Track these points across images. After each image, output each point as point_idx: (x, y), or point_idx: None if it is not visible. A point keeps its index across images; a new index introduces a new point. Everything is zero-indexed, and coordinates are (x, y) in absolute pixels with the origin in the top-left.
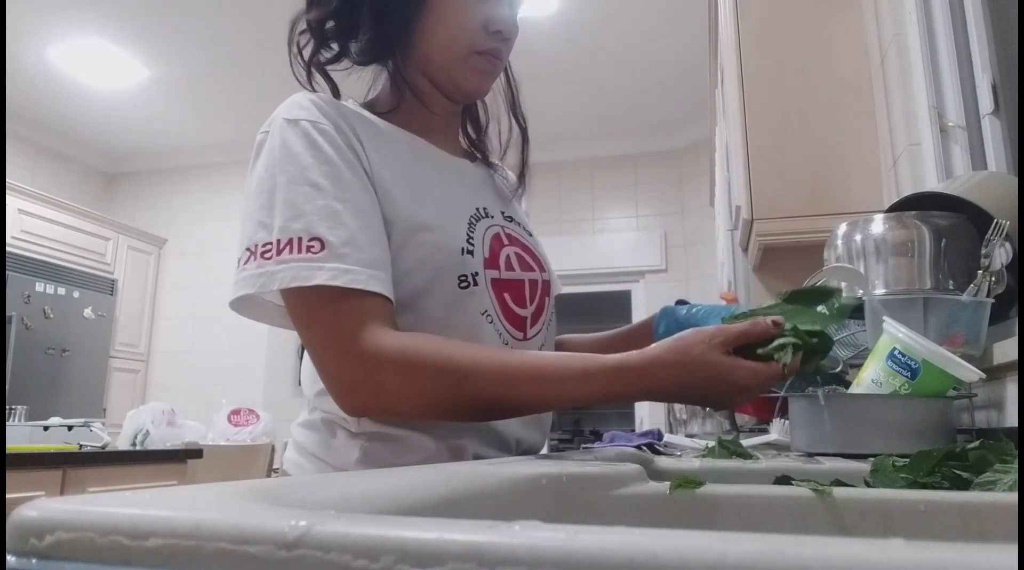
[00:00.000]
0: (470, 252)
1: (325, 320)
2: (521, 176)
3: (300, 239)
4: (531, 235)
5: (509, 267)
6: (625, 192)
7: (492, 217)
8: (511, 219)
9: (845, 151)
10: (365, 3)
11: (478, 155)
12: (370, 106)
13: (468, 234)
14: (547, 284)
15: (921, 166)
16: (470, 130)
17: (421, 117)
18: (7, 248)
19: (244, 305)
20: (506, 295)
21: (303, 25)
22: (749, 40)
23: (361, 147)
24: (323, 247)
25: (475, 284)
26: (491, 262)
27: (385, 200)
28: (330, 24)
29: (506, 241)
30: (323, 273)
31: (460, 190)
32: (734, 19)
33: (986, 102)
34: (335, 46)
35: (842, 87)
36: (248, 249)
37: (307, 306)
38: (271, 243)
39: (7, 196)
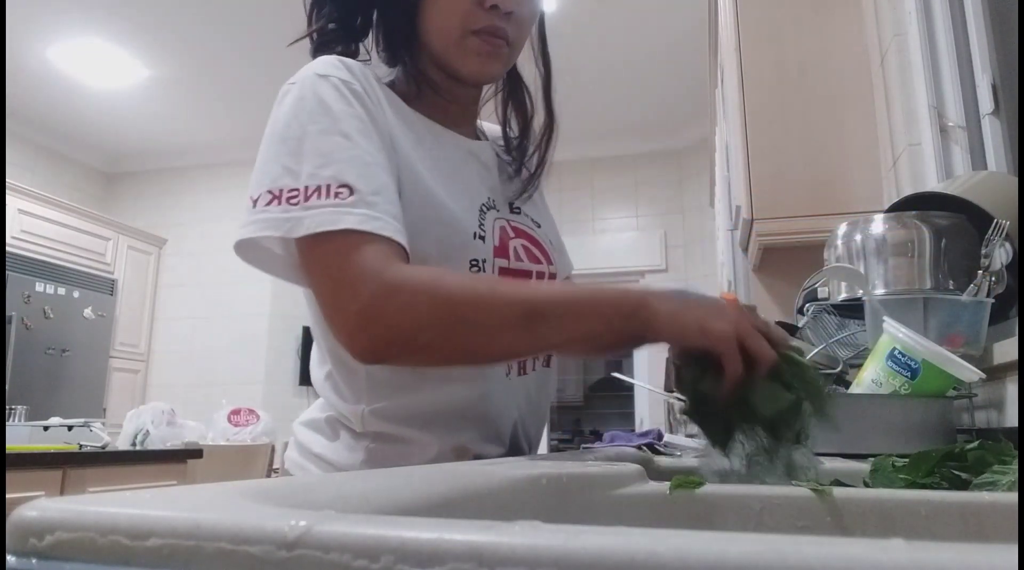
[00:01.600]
0: (481, 237)
1: (342, 261)
2: (537, 171)
3: (329, 186)
4: (539, 226)
5: (518, 258)
6: (625, 192)
7: (498, 210)
8: (518, 211)
9: (845, 151)
10: (363, 10)
11: (504, 144)
12: (389, 86)
13: (480, 220)
14: (553, 277)
15: (921, 166)
16: (513, 127)
17: (435, 104)
18: (7, 248)
19: (248, 249)
20: None
21: (312, 36)
22: (749, 40)
23: (385, 115)
24: (351, 193)
25: (484, 270)
26: (501, 251)
27: (405, 171)
28: (333, 27)
29: (512, 233)
30: (351, 217)
31: (472, 177)
32: (734, 19)
33: (986, 102)
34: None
35: (842, 87)
36: (271, 192)
37: (328, 250)
38: (298, 190)
39: (7, 196)
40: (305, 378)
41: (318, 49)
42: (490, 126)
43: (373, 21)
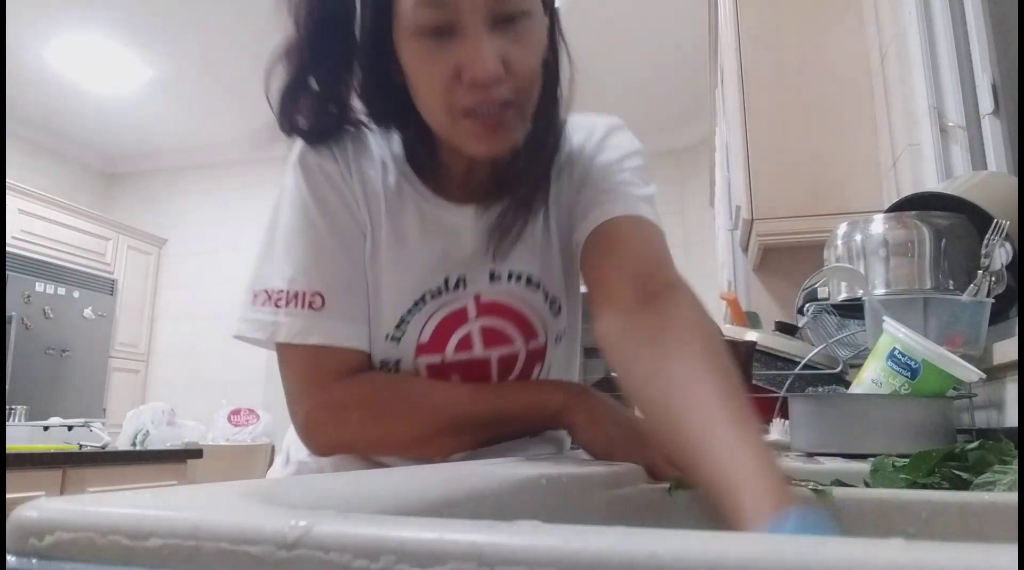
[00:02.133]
0: (395, 339)
1: (296, 373)
2: (528, 193)
3: (305, 293)
4: (537, 285)
5: (464, 347)
6: None
7: (461, 288)
8: (499, 278)
9: (845, 151)
10: (332, 85)
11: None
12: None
13: (400, 320)
14: (538, 351)
15: (921, 166)
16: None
17: (436, 165)
18: (7, 248)
19: (251, 340)
20: (454, 377)
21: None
22: (749, 40)
23: (361, 198)
24: (323, 303)
25: (396, 370)
26: (428, 348)
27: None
28: (306, 128)
29: (473, 315)
30: (317, 334)
31: (433, 259)
32: (734, 19)
33: (986, 102)
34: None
35: (842, 87)
36: (266, 291)
37: (290, 358)
38: (283, 292)
39: (7, 196)
40: None
41: (288, 130)
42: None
43: (358, 104)
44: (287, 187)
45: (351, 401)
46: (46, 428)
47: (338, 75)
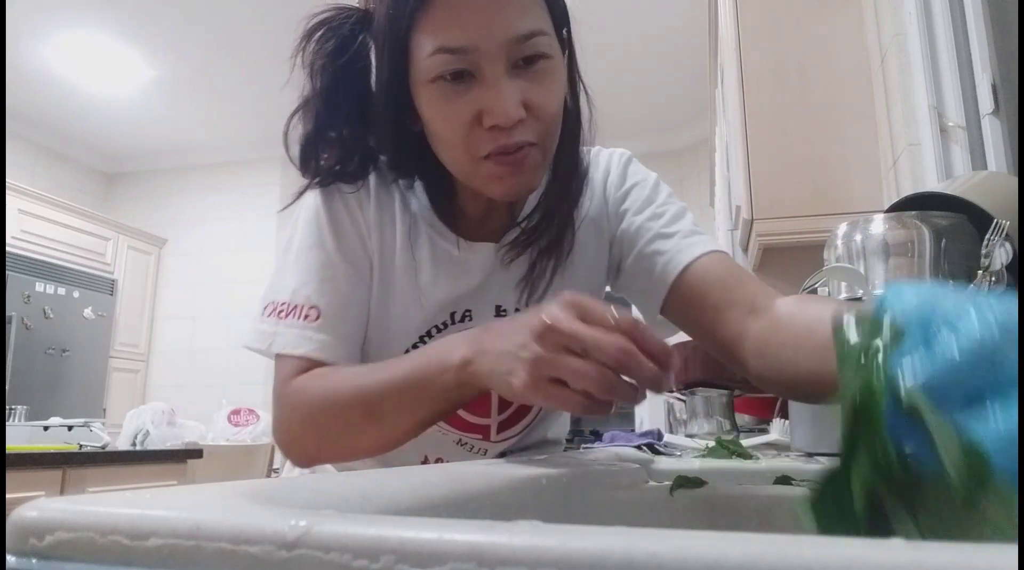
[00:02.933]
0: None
1: (280, 383)
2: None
3: (303, 306)
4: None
5: None
6: None
7: (468, 320)
8: (516, 312)
9: (845, 151)
10: (350, 135)
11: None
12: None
13: (407, 352)
14: None
15: (921, 166)
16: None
17: (455, 207)
18: (7, 248)
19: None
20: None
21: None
22: (749, 40)
23: (375, 226)
24: (319, 316)
25: None
26: None
27: (372, 299)
28: (337, 169)
29: None
30: (308, 344)
31: (440, 294)
32: (734, 19)
33: (986, 102)
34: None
35: (842, 87)
36: (274, 303)
37: (279, 368)
38: (286, 303)
39: (7, 196)
40: None
41: (311, 174)
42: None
43: (376, 153)
44: (306, 204)
45: (293, 404)
46: (46, 428)
47: (356, 126)
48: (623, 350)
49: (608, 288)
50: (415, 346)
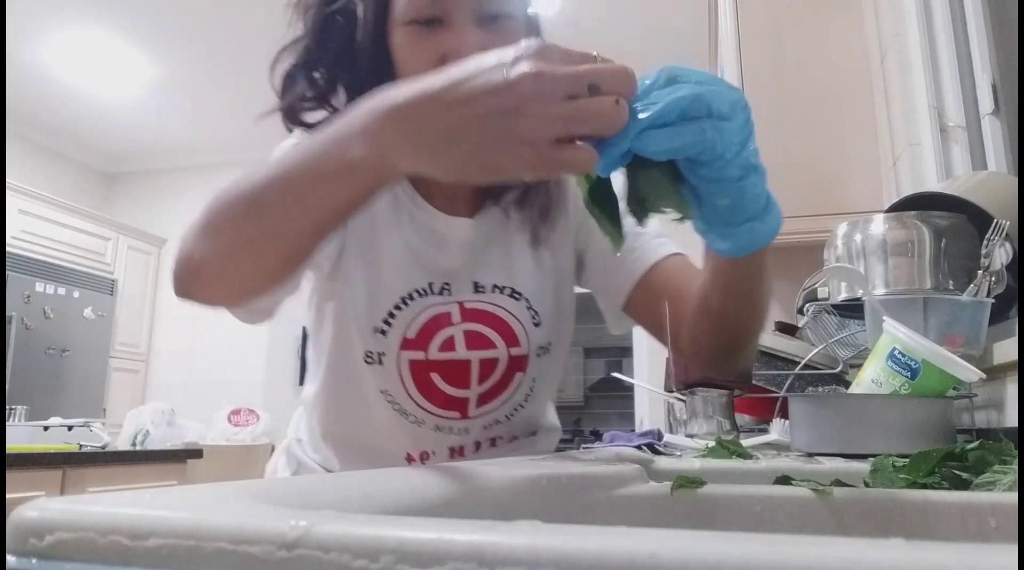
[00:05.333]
0: (383, 332)
1: None
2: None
3: None
4: (518, 297)
5: (447, 348)
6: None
7: (446, 294)
8: (483, 289)
9: (845, 151)
10: (339, 79)
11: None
12: None
13: (390, 313)
14: (519, 359)
15: (921, 166)
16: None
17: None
18: (7, 248)
19: None
20: (435, 375)
21: (284, 109)
22: (749, 40)
23: None
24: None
25: (380, 363)
26: (414, 344)
27: (344, 253)
28: (308, 100)
29: (457, 319)
30: None
31: (420, 262)
32: (734, 19)
33: (986, 102)
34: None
35: (842, 87)
36: None
37: None
38: None
39: (7, 196)
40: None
41: (290, 119)
42: None
43: (351, 93)
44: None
45: (192, 223)
46: (46, 428)
47: (340, 67)
48: (631, 76)
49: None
50: (397, 308)
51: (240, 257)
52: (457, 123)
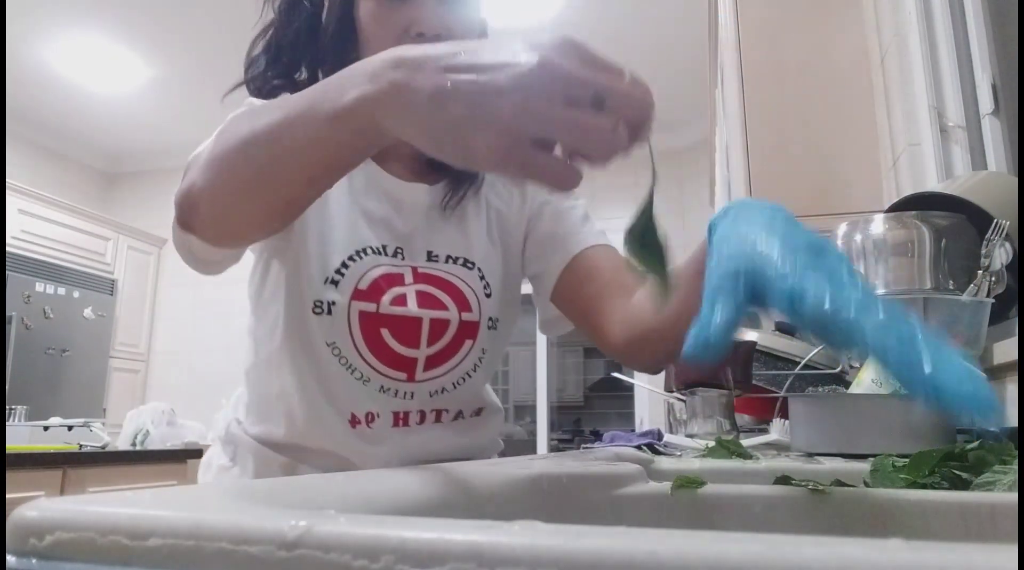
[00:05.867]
0: (334, 282)
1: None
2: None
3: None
4: (471, 267)
5: (399, 303)
6: (625, 192)
7: (400, 257)
8: (437, 258)
9: (845, 151)
10: (303, 59)
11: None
12: None
13: (342, 264)
14: (471, 325)
15: (921, 166)
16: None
17: (387, 149)
18: (7, 248)
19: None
20: (384, 331)
21: (250, 86)
22: (749, 40)
23: None
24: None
25: (330, 313)
26: (365, 295)
27: None
28: (276, 82)
29: (410, 280)
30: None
31: (373, 222)
32: (734, 19)
33: (986, 102)
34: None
35: (842, 87)
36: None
37: None
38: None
39: (7, 196)
40: None
41: (255, 95)
42: None
43: (317, 75)
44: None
45: (195, 162)
46: (46, 428)
47: (305, 44)
48: (648, 104)
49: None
50: (351, 259)
51: (235, 197)
52: (450, 88)
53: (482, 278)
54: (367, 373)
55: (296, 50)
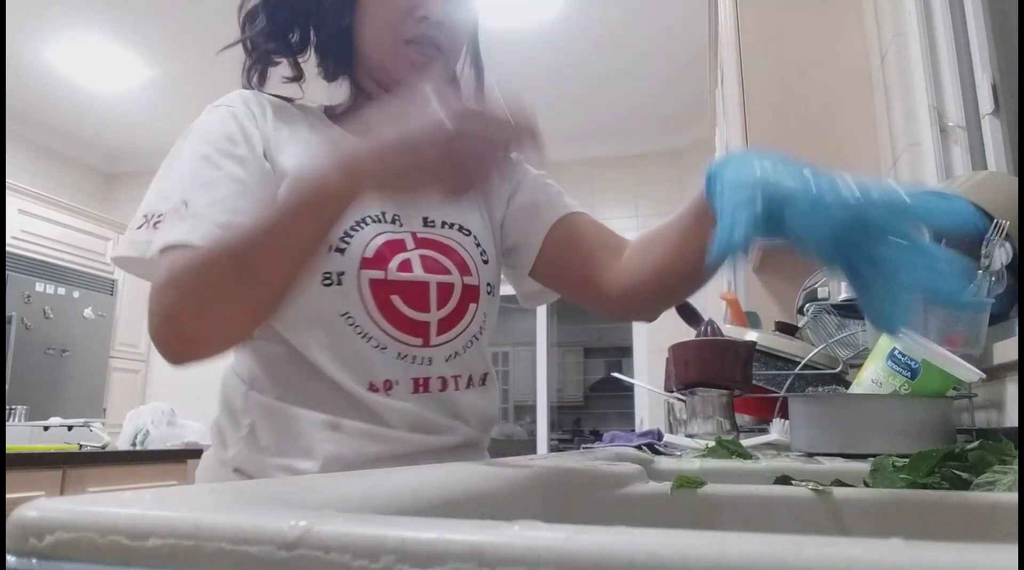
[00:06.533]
0: (340, 250)
1: (158, 273)
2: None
3: (177, 208)
4: (468, 233)
5: (405, 268)
6: (625, 192)
7: (398, 224)
8: (433, 224)
9: (845, 151)
10: (298, 20)
11: None
12: (330, 110)
13: (346, 233)
14: (472, 289)
15: (921, 166)
16: None
17: (367, 122)
18: (7, 248)
19: (130, 264)
20: (395, 297)
21: (247, 59)
22: (749, 40)
23: (270, 132)
24: (187, 207)
25: (341, 283)
26: (372, 263)
27: (281, 182)
28: (269, 45)
29: (411, 245)
30: (176, 231)
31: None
32: (734, 19)
33: (986, 102)
34: (282, 62)
35: (842, 87)
36: (145, 216)
37: (159, 265)
38: (162, 213)
39: (7, 196)
40: None
41: (255, 63)
42: None
43: (310, 38)
44: (190, 127)
45: (164, 280)
46: (46, 428)
47: (303, 6)
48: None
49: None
50: (353, 229)
51: (227, 311)
52: (409, 165)
53: (478, 245)
54: (383, 340)
55: (295, 7)
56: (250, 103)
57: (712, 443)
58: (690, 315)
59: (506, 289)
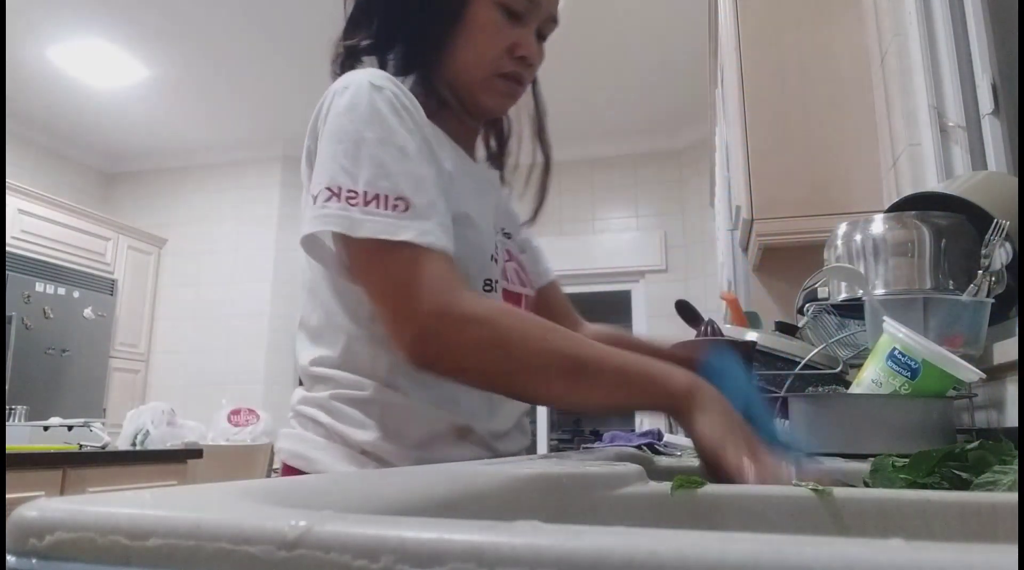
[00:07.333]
0: (495, 259)
1: (405, 274)
2: (537, 207)
3: (387, 197)
4: (524, 251)
5: (513, 280)
6: (625, 192)
7: (508, 237)
8: (509, 235)
9: (845, 151)
10: (402, 26)
11: (495, 168)
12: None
13: (495, 241)
14: (530, 301)
15: (921, 166)
16: (492, 143)
17: (451, 125)
18: (7, 248)
19: (311, 244)
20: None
21: (341, 48)
22: (749, 40)
23: (429, 132)
24: (407, 207)
25: (495, 290)
26: (504, 273)
27: (448, 188)
28: (366, 43)
29: (507, 256)
30: (409, 231)
31: (489, 199)
32: (734, 19)
33: (986, 102)
34: (368, 61)
35: (842, 87)
36: (330, 189)
37: (390, 259)
38: (355, 192)
39: (7, 196)
40: None
41: (345, 61)
42: None
43: (400, 39)
44: (354, 103)
45: (478, 315)
46: (46, 428)
47: (407, 15)
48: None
49: None
50: (498, 235)
51: (516, 386)
52: (724, 424)
53: (526, 260)
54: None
55: (395, 19)
56: (407, 94)
57: None
58: (690, 315)
59: None
